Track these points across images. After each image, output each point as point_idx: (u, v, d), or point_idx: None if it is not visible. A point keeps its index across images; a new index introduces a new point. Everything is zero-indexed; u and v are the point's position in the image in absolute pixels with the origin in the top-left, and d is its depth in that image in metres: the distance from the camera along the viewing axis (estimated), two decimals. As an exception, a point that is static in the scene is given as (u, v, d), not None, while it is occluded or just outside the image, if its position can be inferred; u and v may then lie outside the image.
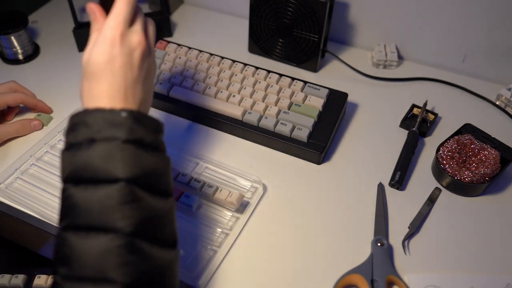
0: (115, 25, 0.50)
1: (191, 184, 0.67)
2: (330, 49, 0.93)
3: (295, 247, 0.64)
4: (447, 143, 0.71)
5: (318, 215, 0.67)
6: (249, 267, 0.62)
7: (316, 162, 0.73)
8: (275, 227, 0.66)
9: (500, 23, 0.82)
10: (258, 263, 0.62)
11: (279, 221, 0.66)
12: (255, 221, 0.66)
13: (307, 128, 0.74)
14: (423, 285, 0.59)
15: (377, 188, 0.70)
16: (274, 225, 0.66)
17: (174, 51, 0.86)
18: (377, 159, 0.74)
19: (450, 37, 0.87)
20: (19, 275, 0.78)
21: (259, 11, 0.86)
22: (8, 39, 0.87)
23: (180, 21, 1.01)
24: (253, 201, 0.67)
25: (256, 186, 0.69)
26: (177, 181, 0.68)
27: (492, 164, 0.68)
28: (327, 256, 0.63)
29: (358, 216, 0.67)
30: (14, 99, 0.75)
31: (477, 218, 0.67)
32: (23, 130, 0.76)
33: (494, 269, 0.62)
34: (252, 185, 0.69)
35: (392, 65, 0.91)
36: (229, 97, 0.78)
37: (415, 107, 0.81)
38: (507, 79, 0.87)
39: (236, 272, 0.61)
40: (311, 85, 0.80)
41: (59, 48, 0.93)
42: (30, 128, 0.76)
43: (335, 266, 0.61)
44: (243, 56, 0.92)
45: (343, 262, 0.61)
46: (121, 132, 0.46)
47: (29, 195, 0.68)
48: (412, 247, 0.64)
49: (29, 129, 0.76)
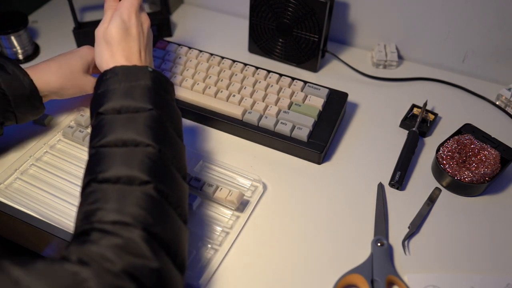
0: (130, 5, 0.66)
1: (191, 183, 0.67)
2: (330, 49, 0.93)
3: (295, 246, 0.64)
4: (447, 143, 0.71)
5: (318, 215, 0.67)
6: (250, 266, 0.62)
7: (316, 162, 0.73)
8: (275, 226, 0.66)
9: (500, 23, 0.82)
10: (258, 262, 0.62)
11: (279, 221, 0.66)
12: (255, 220, 0.66)
13: (307, 128, 0.74)
14: (423, 285, 0.59)
15: (377, 188, 0.70)
16: (274, 224, 0.66)
17: (174, 51, 0.86)
18: (377, 159, 0.74)
19: (450, 37, 0.87)
20: None
21: (259, 11, 0.86)
22: (8, 39, 0.87)
23: (180, 21, 1.01)
24: (253, 200, 0.67)
25: (256, 185, 0.69)
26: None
27: (492, 164, 0.68)
28: (327, 256, 0.63)
29: (358, 216, 0.67)
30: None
31: (477, 218, 0.67)
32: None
33: (494, 269, 0.62)
34: (252, 183, 0.69)
35: (392, 65, 0.91)
36: (229, 97, 0.78)
37: (415, 107, 0.81)
38: (507, 79, 0.87)
39: (236, 271, 0.61)
40: (311, 85, 0.80)
41: (59, 48, 0.93)
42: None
43: (335, 266, 0.61)
44: (243, 56, 0.92)
45: (343, 262, 0.61)
46: (147, 79, 0.58)
47: (29, 195, 0.68)
48: (412, 247, 0.64)
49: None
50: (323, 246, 0.64)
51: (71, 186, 0.69)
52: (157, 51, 0.86)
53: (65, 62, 0.71)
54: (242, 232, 0.65)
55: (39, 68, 0.69)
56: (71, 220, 0.65)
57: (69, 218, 0.65)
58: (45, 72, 0.69)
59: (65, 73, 0.70)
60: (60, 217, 0.65)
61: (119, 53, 0.63)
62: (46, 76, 0.69)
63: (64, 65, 0.71)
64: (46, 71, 0.69)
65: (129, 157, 0.52)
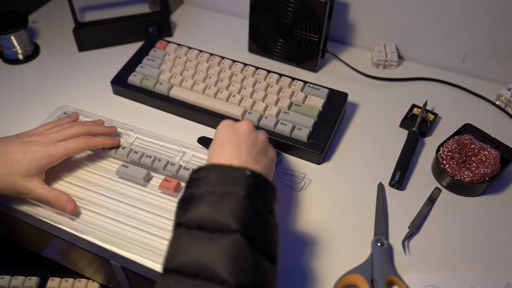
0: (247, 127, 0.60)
1: (179, 175, 0.68)
2: (330, 49, 0.93)
3: (295, 247, 0.64)
4: (447, 143, 0.71)
5: (318, 215, 0.67)
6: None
7: (316, 162, 0.73)
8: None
9: (500, 23, 0.82)
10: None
11: (279, 221, 0.66)
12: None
13: (307, 128, 0.74)
14: (423, 285, 0.59)
15: (377, 188, 0.70)
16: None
17: (174, 51, 0.86)
18: (377, 159, 0.74)
19: (450, 37, 0.87)
20: (33, 278, 0.78)
21: (259, 11, 0.86)
22: (8, 39, 0.87)
23: (180, 21, 1.01)
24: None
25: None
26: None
27: (492, 164, 0.68)
28: (327, 256, 0.63)
29: (358, 216, 0.67)
30: (77, 147, 0.67)
31: (477, 218, 0.67)
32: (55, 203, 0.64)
33: (494, 269, 0.62)
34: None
35: (392, 65, 0.91)
36: (229, 97, 0.78)
37: (415, 107, 0.81)
38: (507, 79, 0.87)
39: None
40: (311, 85, 0.80)
41: (59, 48, 0.93)
42: (61, 206, 0.65)
43: (335, 266, 0.61)
44: (243, 56, 0.92)
45: (343, 262, 0.61)
46: (242, 188, 0.50)
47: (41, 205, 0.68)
48: (412, 247, 0.64)
49: (60, 206, 0.65)
50: (323, 246, 0.64)
51: (82, 191, 0.68)
52: (157, 51, 0.86)
53: (7, 162, 0.62)
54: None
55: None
56: (72, 220, 0.65)
57: (84, 224, 0.65)
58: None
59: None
60: (61, 216, 0.65)
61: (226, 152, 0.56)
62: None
63: (5, 163, 0.61)
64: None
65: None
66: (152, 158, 0.70)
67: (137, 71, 0.83)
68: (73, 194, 0.67)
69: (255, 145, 0.58)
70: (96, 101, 0.82)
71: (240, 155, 0.56)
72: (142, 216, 0.65)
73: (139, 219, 0.65)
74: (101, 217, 0.65)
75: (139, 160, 0.70)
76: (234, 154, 0.56)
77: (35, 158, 0.62)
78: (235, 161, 0.54)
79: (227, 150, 0.56)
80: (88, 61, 0.91)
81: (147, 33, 0.94)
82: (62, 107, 0.79)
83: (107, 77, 0.84)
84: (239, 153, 0.56)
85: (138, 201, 0.67)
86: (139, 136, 0.75)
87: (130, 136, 0.75)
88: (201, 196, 0.49)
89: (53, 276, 0.80)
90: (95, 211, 0.66)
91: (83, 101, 0.81)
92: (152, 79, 0.81)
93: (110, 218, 0.65)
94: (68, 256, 0.78)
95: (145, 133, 0.76)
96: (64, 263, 0.81)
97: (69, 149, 0.65)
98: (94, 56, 0.92)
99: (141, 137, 0.75)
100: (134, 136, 0.75)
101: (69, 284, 0.79)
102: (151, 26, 0.93)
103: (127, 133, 0.76)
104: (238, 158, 0.55)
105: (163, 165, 0.69)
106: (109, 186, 0.69)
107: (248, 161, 0.55)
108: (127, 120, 0.78)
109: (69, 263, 0.81)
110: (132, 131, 0.76)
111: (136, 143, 0.74)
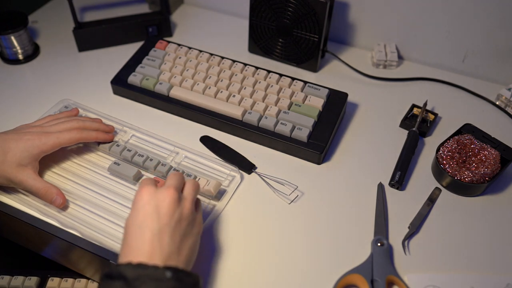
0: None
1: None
2: (330, 49, 0.93)
3: (295, 246, 0.64)
4: (447, 143, 0.71)
5: (318, 215, 0.67)
6: (250, 265, 0.62)
7: (316, 162, 0.73)
8: (277, 227, 0.66)
9: (500, 23, 0.82)
10: (259, 261, 0.62)
11: (281, 221, 0.66)
12: (256, 222, 0.66)
13: (307, 128, 0.74)
14: (423, 285, 0.59)
15: (377, 188, 0.70)
16: (277, 225, 0.66)
17: (174, 51, 0.86)
18: (377, 159, 0.74)
19: (450, 37, 0.87)
20: (32, 278, 0.78)
21: (259, 11, 0.86)
22: (8, 39, 0.87)
23: (180, 21, 1.01)
24: (231, 190, 0.67)
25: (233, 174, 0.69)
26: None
27: (492, 164, 0.68)
28: (327, 256, 0.63)
29: (358, 216, 0.67)
30: (69, 138, 0.67)
31: (477, 218, 0.67)
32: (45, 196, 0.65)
33: (494, 269, 0.62)
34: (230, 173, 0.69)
35: (392, 65, 0.91)
36: (229, 97, 0.78)
37: (415, 107, 0.81)
38: (507, 79, 0.87)
39: (238, 270, 0.61)
40: (311, 85, 0.80)
41: (59, 48, 0.93)
42: (50, 199, 0.65)
43: (335, 266, 0.61)
44: (243, 56, 0.92)
45: (343, 262, 0.61)
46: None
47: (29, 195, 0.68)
48: (412, 247, 0.64)
49: (49, 199, 0.65)
50: (323, 246, 0.64)
51: (72, 185, 0.69)
52: (157, 51, 0.86)
53: (0, 151, 0.62)
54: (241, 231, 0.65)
55: None
56: (58, 213, 0.65)
57: (69, 218, 0.65)
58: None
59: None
60: (62, 216, 0.65)
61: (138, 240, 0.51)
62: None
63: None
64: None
65: None
66: (144, 157, 0.70)
67: (137, 71, 0.83)
68: (63, 187, 0.68)
69: (179, 226, 0.53)
70: (96, 101, 0.82)
71: (161, 247, 0.50)
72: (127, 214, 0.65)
73: (125, 217, 0.65)
74: (87, 212, 0.66)
75: (131, 158, 0.71)
76: (154, 245, 0.50)
77: (27, 146, 0.63)
78: (156, 256, 0.49)
79: (147, 237, 0.50)
80: (88, 61, 0.91)
81: (147, 33, 0.94)
82: (63, 100, 0.80)
83: (107, 77, 0.84)
84: (161, 244, 0.50)
85: (126, 199, 0.67)
86: (135, 134, 0.76)
87: (126, 133, 0.76)
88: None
89: (53, 276, 0.80)
90: (83, 206, 0.66)
91: (83, 101, 0.81)
92: (152, 79, 0.81)
93: (96, 214, 0.66)
94: (68, 256, 0.78)
95: (140, 131, 0.76)
96: (64, 263, 0.81)
97: (61, 139, 0.66)
98: (94, 56, 0.92)
99: (137, 135, 0.76)
100: (130, 133, 0.76)
101: (69, 284, 0.79)
102: (151, 26, 0.93)
103: (123, 129, 0.76)
104: (160, 252, 0.49)
105: (154, 165, 0.70)
106: (99, 182, 0.69)
107: (170, 254, 0.50)
108: (127, 120, 0.78)
109: (69, 263, 0.81)
110: (129, 129, 0.76)
111: (131, 141, 0.75)
